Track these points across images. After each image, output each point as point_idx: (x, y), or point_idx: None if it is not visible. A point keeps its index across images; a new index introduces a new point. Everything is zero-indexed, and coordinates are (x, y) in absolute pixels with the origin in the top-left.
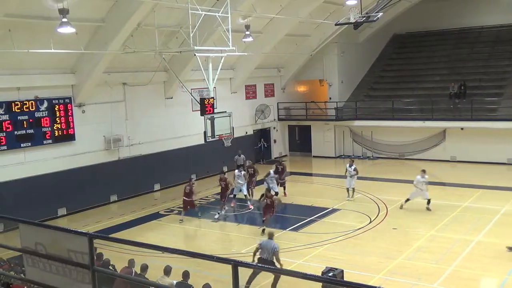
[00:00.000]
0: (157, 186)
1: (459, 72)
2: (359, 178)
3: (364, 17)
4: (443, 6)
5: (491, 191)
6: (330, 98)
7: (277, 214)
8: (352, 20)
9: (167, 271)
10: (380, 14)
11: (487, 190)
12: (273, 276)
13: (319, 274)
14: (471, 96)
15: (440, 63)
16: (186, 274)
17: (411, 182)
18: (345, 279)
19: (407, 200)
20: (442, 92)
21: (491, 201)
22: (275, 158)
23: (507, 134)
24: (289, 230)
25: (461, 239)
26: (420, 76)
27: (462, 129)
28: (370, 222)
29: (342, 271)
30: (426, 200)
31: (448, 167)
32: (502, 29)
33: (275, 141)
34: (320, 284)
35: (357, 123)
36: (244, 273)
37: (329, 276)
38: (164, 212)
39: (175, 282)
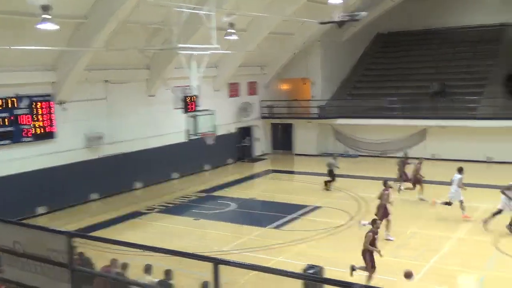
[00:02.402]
0: (138, 184)
1: (441, 71)
2: (341, 176)
3: (348, 16)
4: (426, 5)
5: (471, 188)
6: (312, 96)
7: (260, 212)
8: (336, 19)
9: (148, 269)
10: (364, 13)
11: (467, 187)
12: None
13: (300, 271)
14: (452, 95)
15: (423, 62)
16: (168, 273)
17: (391, 180)
18: (325, 276)
19: None
20: (425, 91)
21: (471, 199)
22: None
23: (486, 132)
24: (270, 227)
25: (441, 235)
26: (403, 75)
27: (443, 127)
28: (351, 219)
29: (323, 268)
30: None
31: (429, 165)
32: (483, 29)
33: (258, 139)
34: (301, 281)
35: (340, 121)
36: (225, 271)
37: (310, 273)
38: (146, 210)
39: (156, 280)
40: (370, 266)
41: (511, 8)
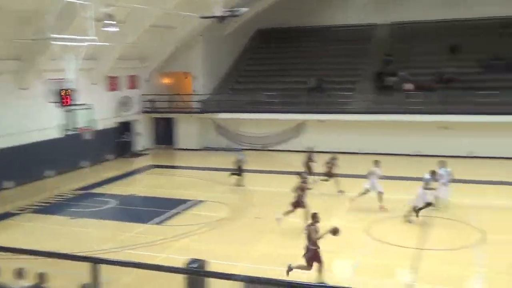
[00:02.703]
0: (9, 184)
1: (318, 67)
2: (223, 170)
3: (228, 11)
4: (305, 4)
5: (343, 179)
6: (194, 91)
7: (141, 208)
8: (217, 14)
9: (20, 273)
10: (244, 9)
11: (340, 178)
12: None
13: (183, 266)
14: (328, 91)
15: (301, 58)
16: (42, 276)
17: (273, 172)
18: (209, 269)
19: None
20: (303, 86)
21: (348, 188)
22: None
23: (359, 125)
24: (152, 223)
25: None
26: (283, 70)
27: (320, 121)
28: (234, 212)
29: (206, 261)
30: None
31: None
32: (356, 28)
33: (139, 134)
34: (184, 276)
35: (222, 115)
36: (106, 271)
37: (193, 267)
38: (17, 211)
39: (29, 285)
40: (308, 261)
41: (379, 9)
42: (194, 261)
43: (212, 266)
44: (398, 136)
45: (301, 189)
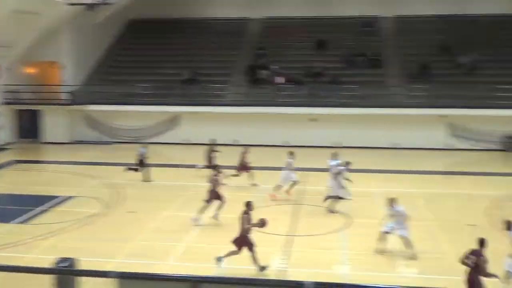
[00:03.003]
0: None
1: (192, 59)
2: (92, 163)
3: None
4: None
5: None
6: (63, 81)
7: (3, 207)
8: (85, 1)
9: None
10: None
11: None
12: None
13: (52, 266)
14: (203, 83)
15: (175, 50)
16: None
17: (147, 165)
18: (80, 268)
19: None
20: (177, 78)
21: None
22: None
23: (232, 118)
24: (16, 222)
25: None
26: (157, 62)
27: (194, 113)
28: (106, 207)
29: (76, 259)
30: None
31: (182, 150)
32: (231, 22)
33: (0, 127)
34: (53, 276)
35: (93, 107)
36: None
37: (62, 266)
38: None
39: None
40: (251, 247)
41: (253, 4)
42: (64, 260)
43: (84, 265)
44: (269, 127)
45: (215, 182)
